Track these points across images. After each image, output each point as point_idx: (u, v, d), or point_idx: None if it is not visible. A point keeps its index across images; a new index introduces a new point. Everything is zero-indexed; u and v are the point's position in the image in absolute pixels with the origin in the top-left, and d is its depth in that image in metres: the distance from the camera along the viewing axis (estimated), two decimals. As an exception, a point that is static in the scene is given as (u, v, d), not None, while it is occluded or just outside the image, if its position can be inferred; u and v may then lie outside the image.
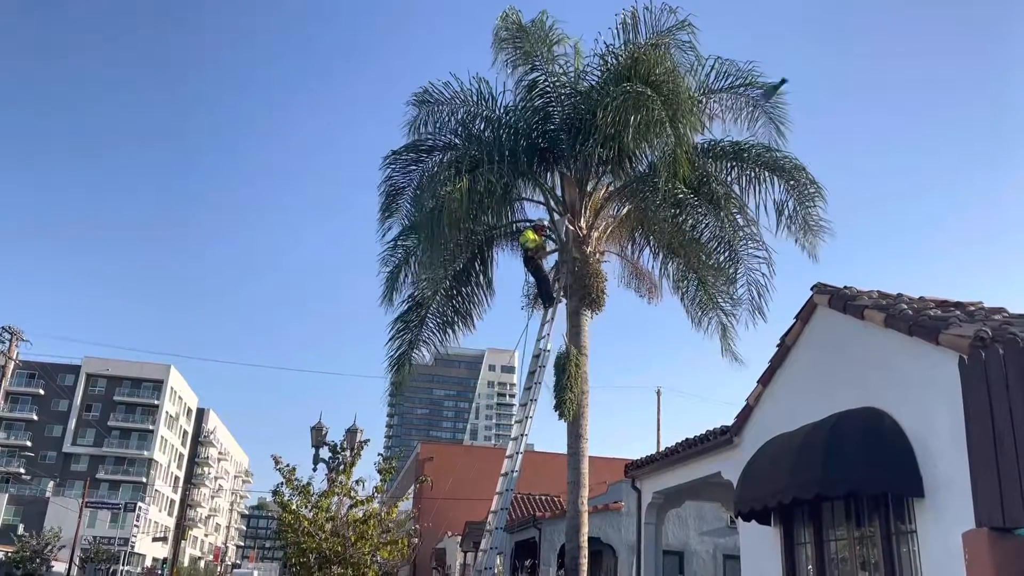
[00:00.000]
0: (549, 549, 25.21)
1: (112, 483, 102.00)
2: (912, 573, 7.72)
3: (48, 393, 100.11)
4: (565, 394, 14.16)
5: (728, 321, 16.50)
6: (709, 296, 16.56)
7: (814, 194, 15.03)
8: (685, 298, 17.02)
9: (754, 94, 15.62)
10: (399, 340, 16.82)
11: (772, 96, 15.49)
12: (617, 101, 13.77)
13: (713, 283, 16.38)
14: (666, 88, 14.10)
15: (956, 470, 6.54)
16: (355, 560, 22.52)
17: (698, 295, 16.72)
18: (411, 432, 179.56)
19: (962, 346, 6.79)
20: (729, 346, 16.57)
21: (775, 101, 15.51)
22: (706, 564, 24.77)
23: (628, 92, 13.81)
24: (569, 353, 14.50)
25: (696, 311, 16.85)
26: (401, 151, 16.61)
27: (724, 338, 16.58)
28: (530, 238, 15.63)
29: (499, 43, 16.38)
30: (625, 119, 13.55)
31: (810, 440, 8.48)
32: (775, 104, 15.52)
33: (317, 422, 23.02)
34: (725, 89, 15.81)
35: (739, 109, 15.81)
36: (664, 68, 14.37)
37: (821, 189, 15.06)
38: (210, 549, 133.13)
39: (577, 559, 14.50)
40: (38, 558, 62.38)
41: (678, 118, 13.93)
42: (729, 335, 16.52)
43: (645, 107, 13.65)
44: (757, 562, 10.34)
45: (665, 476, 14.05)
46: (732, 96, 15.77)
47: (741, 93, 15.69)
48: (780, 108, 15.59)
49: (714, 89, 15.87)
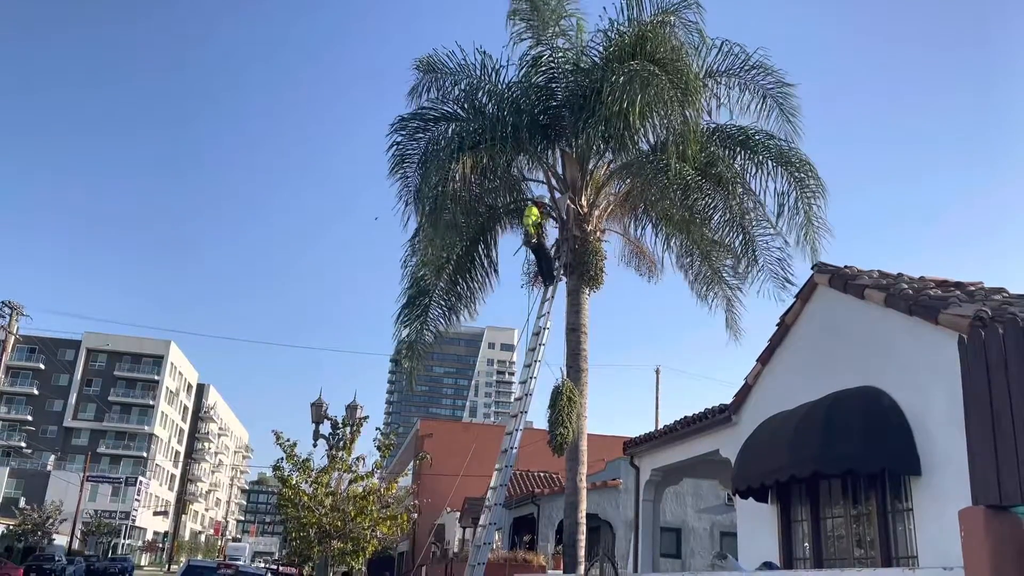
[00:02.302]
0: (547, 525, 25.42)
1: (113, 457, 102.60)
2: (908, 550, 7.79)
3: (49, 368, 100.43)
4: (557, 428, 14.08)
5: (733, 295, 16.59)
6: (714, 271, 16.59)
7: (816, 190, 14.74)
8: (689, 274, 17.04)
9: (763, 81, 15.36)
10: (409, 325, 16.86)
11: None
12: (623, 79, 13.65)
13: (718, 258, 16.39)
14: (672, 67, 13.94)
15: (953, 449, 6.58)
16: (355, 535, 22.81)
17: (703, 270, 16.75)
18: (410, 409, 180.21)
19: (962, 326, 6.81)
20: (734, 321, 16.73)
21: (785, 91, 15.24)
22: (703, 541, 24.98)
23: (635, 70, 13.68)
24: (564, 386, 14.32)
25: (701, 286, 16.89)
26: (408, 118, 16.49)
27: (730, 312, 16.71)
28: (534, 214, 15.60)
29: (512, 19, 16.25)
30: (632, 97, 13.41)
31: (808, 418, 8.52)
32: (785, 94, 15.24)
33: (317, 398, 23.18)
34: (732, 73, 15.57)
35: (747, 97, 15.42)
36: (670, 47, 14.16)
37: (823, 186, 14.78)
38: (211, 523, 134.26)
39: (575, 535, 14.60)
40: (39, 531, 62.90)
41: (686, 97, 13.81)
42: (734, 309, 16.66)
43: (653, 86, 13.51)
44: (754, 539, 10.43)
45: (663, 454, 14.13)
46: (739, 81, 15.53)
47: (749, 79, 15.44)
48: (790, 99, 15.17)
49: (720, 72, 15.66)
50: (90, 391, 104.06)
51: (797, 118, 15.18)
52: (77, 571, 48.99)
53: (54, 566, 45.65)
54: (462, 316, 17.54)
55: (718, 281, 16.60)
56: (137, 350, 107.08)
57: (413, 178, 16.23)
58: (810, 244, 14.54)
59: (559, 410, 13.98)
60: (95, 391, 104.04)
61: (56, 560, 47.29)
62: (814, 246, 14.51)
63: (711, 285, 16.73)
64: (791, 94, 15.23)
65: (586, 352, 15.46)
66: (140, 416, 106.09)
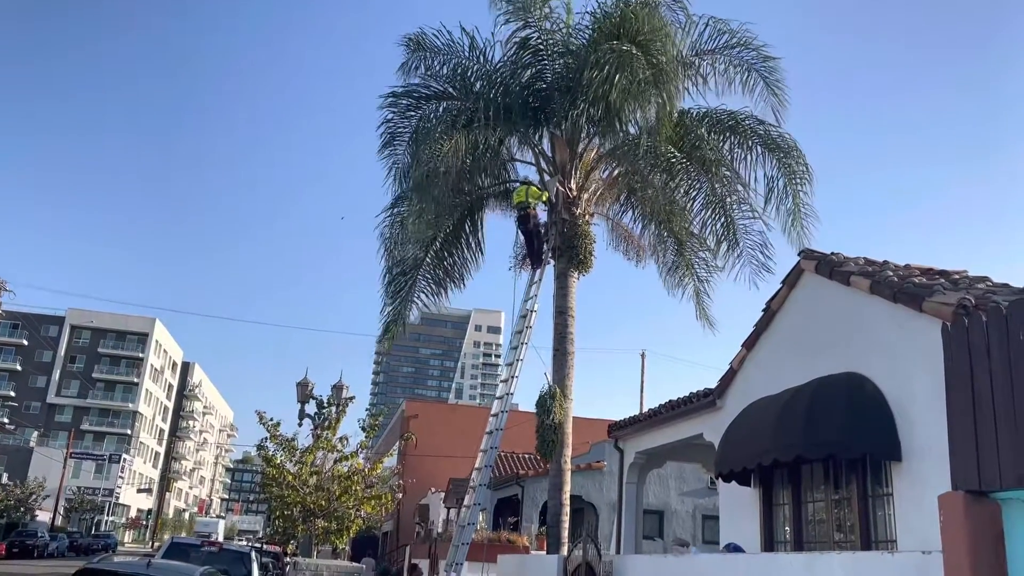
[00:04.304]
0: (531, 506, 25.58)
1: (96, 434, 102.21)
2: (887, 535, 7.88)
3: (32, 344, 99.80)
4: (549, 435, 14.18)
5: (702, 287, 16.89)
6: (687, 263, 16.79)
7: (803, 175, 14.79)
8: (662, 264, 17.30)
9: (748, 56, 15.37)
10: (394, 299, 16.79)
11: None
12: (603, 59, 13.61)
13: (691, 249, 16.60)
14: (653, 47, 13.88)
15: (934, 435, 6.64)
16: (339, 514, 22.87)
17: (676, 260, 17.00)
18: (396, 390, 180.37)
19: (945, 313, 6.86)
20: (704, 311, 16.98)
21: (771, 65, 15.29)
22: (685, 523, 25.22)
23: (614, 51, 13.64)
24: (553, 394, 14.43)
25: (671, 278, 17.23)
26: (401, 95, 16.39)
27: (699, 304, 16.99)
28: (534, 193, 15.50)
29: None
30: (611, 78, 13.40)
31: (791, 404, 8.59)
32: (771, 68, 15.28)
33: (303, 378, 23.14)
34: (718, 50, 15.58)
35: (733, 73, 15.53)
36: (651, 26, 14.07)
37: (810, 171, 14.85)
38: (195, 501, 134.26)
39: (559, 516, 14.69)
40: (22, 507, 62.68)
41: (662, 78, 13.78)
42: (703, 301, 16.89)
43: (630, 66, 13.47)
44: (736, 522, 10.52)
45: (647, 437, 14.20)
46: (725, 58, 15.54)
47: (735, 56, 15.45)
48: (776, 73, 15.29)
49: (707, 50, 15.66)
50: (74, 368, 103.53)
51: (783, 92, 15.27)
52: (60, 547, 48.91)
53: (36, 542, 45.56)
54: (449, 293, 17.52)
55: (689, 273, 16.87)
56: (122, 327, 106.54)
57: (403, 156, 16.16)
58: (797, 229, 14.61)
59: (552, 417, 14.11)
60: (79, 368, 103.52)
61: (39, 536, 47.19)
62: (802, 230, 14.61)
63: (682, 277, 17.03)
64: (775, 67, 15.31)
65: (573, 335, 15.50)
66: (124, 393, 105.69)
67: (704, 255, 16.58)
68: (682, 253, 16.84)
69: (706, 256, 16.51)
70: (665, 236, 17.01)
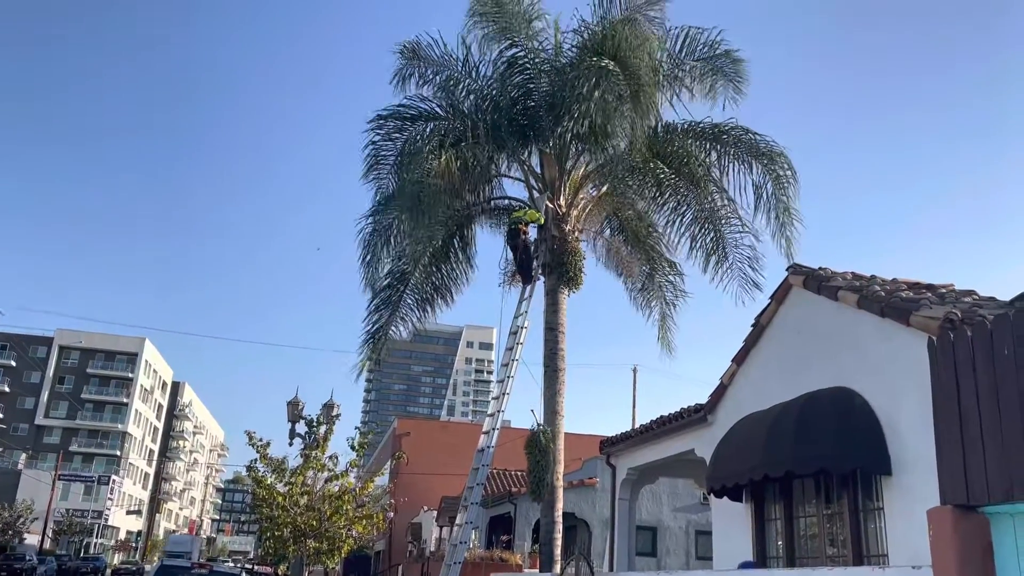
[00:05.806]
0: (524, 524, 25.44)
1: (85, 456, 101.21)
2: (879, 549, 7.89)
3: (20, 365, 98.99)
4: (543, 475, 14.16)
5: (668, 310, 17.20)
6: (656, 285, 17.04)
7: (789, 180, 14.95)
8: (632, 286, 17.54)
9: (717, 60, 15.58)
10: (377, 316, 16.71)
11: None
12: (583, 76, 13.73)
13: (663, 272, 16.89)
14: (632, 62, 14.01)
15: (923, 449, 6.66)
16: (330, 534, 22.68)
17: (646, 284, 17.26)
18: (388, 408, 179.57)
19: (932, 327, 6.90)
20: (665, 335, 17.30)
21: (734, 56, 15.54)
22: (679, 540, 25.12)
23: (593, 67, 13.77)
24: (543, 434, 14.41)
25: (640, 297, 17.53)
26: (387, 117, 16.39)
27: (663, 326, 17.26)
28: (532, 216, 15.51)
29: (474, 18, 16.14)
30: (590, 94, 13.51)
31: (781, 419, 8.60)
32: (734, 59, 15.55)
33: (293, 397, 22.99)
34: (694, 58, 15.82)
35: (704, 75, 15.74)
36: (630, 43, 14.19)
37: (796, 175, 15.04)
38: (185, 522, 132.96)
39: (552, 534, 14.63)
40: (10, 530, 61.97)
41: (640, 93, 13.91)
42: (667, 325, 17.18)
43: (607, 82, 13.59)
44: (728, 538, 10.50)
45: (639, 453, 14.18)
46: (700, 64, 15.77)
47: (708, 60, 15.68)
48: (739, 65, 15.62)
49: (683, 59, 15.87)
50: (62, 389, 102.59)
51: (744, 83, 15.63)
52: (48, 570, 48.35)
53: (24, 565, 45.06)
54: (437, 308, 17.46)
55: (658, 296, 17.22)
56: (111, 347, 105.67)
57: (386, 180, 16.20)
58: (787, 234, 14.84)
59: (544, 456, 14.10)
60: (67, 389, 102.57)
61: (27, 559, 46.69)
62: (789, 239, 14.86)
63: (650, 299, 17.36)
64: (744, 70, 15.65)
65: (564, 351, 15.50)
66: (113, 414, 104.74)
67: (673, 279, 17.11)
68: (652, 276, 17.12)
69: (675, 280, 17.04)
70: (639, 257, 17.25)
